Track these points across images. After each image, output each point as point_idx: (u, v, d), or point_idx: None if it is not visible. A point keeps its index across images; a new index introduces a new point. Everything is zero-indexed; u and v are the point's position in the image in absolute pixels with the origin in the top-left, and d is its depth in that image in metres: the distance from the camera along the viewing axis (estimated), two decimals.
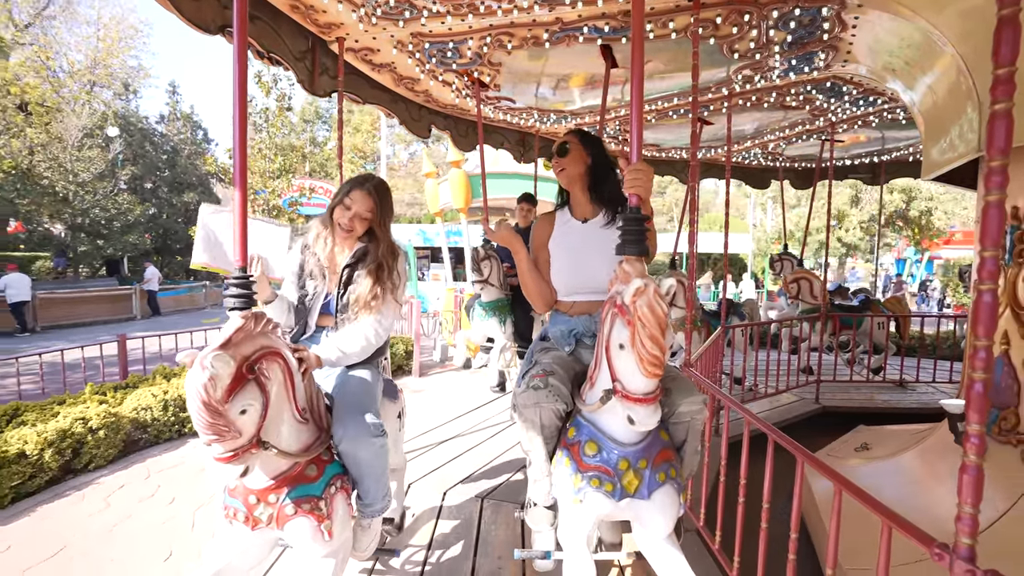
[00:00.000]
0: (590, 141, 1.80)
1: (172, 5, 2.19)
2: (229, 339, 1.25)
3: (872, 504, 1.31)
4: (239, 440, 1.24)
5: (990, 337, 1.02)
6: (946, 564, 1.06)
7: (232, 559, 1.49)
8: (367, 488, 1.69)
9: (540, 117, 4.87)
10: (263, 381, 1.29)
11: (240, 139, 1.38)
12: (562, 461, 1.49)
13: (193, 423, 1.20)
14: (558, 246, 1.79)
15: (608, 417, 1.41)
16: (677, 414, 1.50)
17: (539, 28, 3.04)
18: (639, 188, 1.38)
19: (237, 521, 1.46)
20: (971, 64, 2.31)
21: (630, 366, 1.26)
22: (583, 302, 1.74)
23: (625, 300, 1.26)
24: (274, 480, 1.45)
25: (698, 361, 3.29)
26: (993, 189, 0.98)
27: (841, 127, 5.06)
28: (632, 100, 1.39)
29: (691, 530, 2.44)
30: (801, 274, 5.80)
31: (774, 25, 2.98)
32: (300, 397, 1.47)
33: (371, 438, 1.61)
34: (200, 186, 22.65)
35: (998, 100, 0.96)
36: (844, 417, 4.38)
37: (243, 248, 1.40)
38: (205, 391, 1.14)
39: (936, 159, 2.76)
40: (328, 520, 1.48)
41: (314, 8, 2.83)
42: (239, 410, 1.23)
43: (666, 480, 1.43)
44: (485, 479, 2.97)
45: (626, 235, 1.37)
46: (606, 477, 1.40)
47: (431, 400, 4.67)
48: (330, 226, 1.88)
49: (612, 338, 1.31)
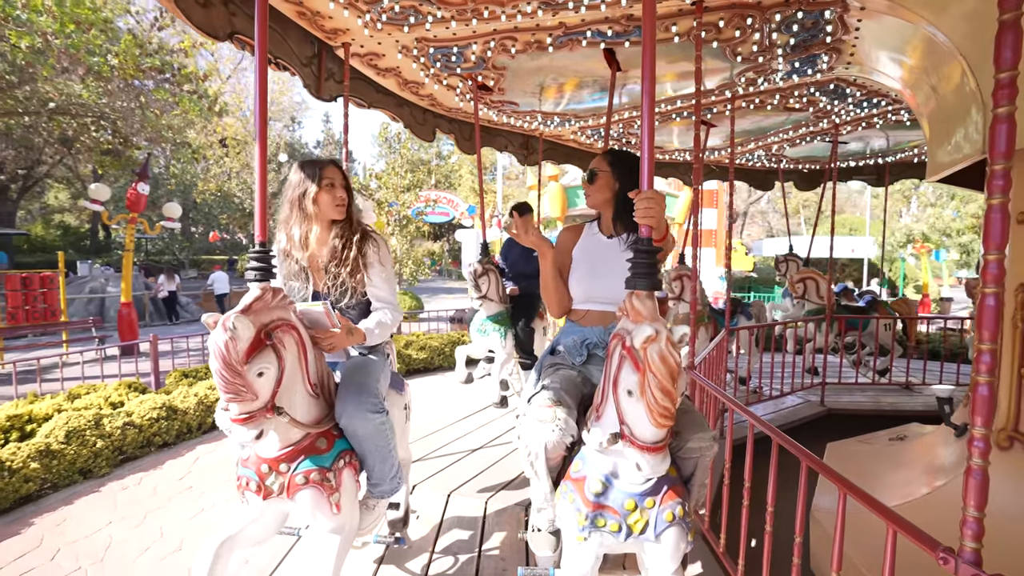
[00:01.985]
0: (620, 166, 1.76)
1: (182, 13, 2.22)
2: (249, 306, 1.36)
3: (877, 508, 1.31)
4: (256, 403, 1.33)
5: (995, 340, 1.02)
6: (951, 568, 1.06)
7: (243, 528, 1.55)
8: (372, 466, 1.72)
9: (544, 120, 4.89)
10: (279, 349, 1.38)
11: (260, 128, 1.51)
12: (566, 496, 1.45)
13: (215, 383, 1.29)
14: (581, 255, 1.79)
15: (615, 458, 1.36)
16: (686, 449, 1.46)
17: (543, 32, 3.06)
18: (650, 218, 1.32)
19: (249, 491, 1.52)
20: (975, 65, 2.30)
21: (639, 414, 1.22)
22: (596, 312, 1.73)
23: (635, 344, 1.21)
24: (286, 450, 1.51)
25: (702, 363, 3.30)
26: (996, 192, 0.98)
27: (845, 129, 5.05)
28: (643, 126, 1.32)
29: (696, 533, 2.44)
30: (807, 274, 5.76)
31: (776, 28, 2.98)
32: (312, 372, 1.55)
33: (368, 413, 1.64)
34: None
35: (1000, 104, 0.97)
36: (850, 420, 4.36)
37: (262, 224, 1.53)
38: (226, 349, 1.24)
39: (941, 161, 2.75)
40: (337, 492, 1.54)
41: (320, 14, 2.86)
42: (257, 372, 1.32)
43: (673, 520, 1.37)
44: (490, 481, 2.98)
45: (636, 268, 1.32)
46: (612, 517, 1.36)
47: (436, 402, 4.69)
48: (304, 218, 1.79)
49: (620, 381, 1.26)
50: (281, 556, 2.28)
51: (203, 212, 23.80)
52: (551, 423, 1.43)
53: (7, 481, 3.09)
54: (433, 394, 5.56)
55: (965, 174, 2.63)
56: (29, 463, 3.23)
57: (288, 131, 27.04)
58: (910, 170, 6.82)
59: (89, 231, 22.04)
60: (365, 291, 1.88)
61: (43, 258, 16.67)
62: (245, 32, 2.54)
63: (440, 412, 4.34)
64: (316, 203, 1.78)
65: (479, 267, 3.74)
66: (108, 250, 21.13)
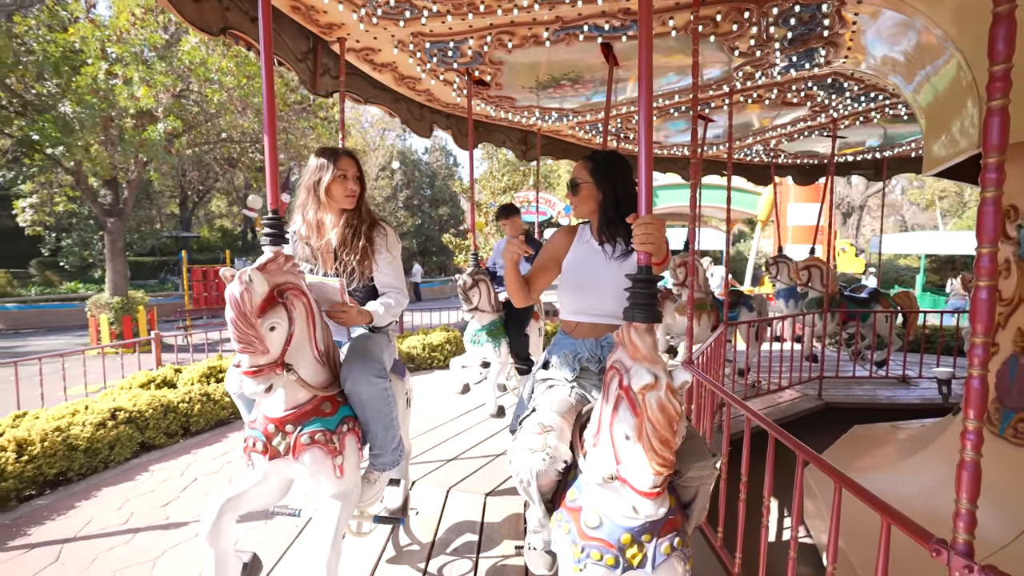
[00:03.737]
0: (602, 174, 1.65)
1: (174, 8, 2.21)
2: (264, 265, 1.45)
3: (871, 501, 1.31)
4: (266, 356, 1.40)
5: (988, 334, 1.03)
6: (944, 560, 1.07)
7: (248, 489, 1.61)
8: (375, 434, 1.76)
9: (541, 115, 4.88)
10: (290, 309, 1.46)
11: (269, 120, 1.60)
12: (562, 525, 1.41)
13: (230, 335, 1.37)
14: (571, 264, 1.73)
15: (611, 495, 1.30)
16: (687, 478, 1.41)
17: (539, 27, 3.04)
18: (649, 244, 1.25)
19: (256, 452, 1.56)
20: (971, 59, 2.30)
21: (636, 460, 1.17)
22: (587, 324, 1.67)
23: (633, 388, 1.16)
24: (292, 411, 1.57)
25: (700, 356, 3.30)
26: (990, 186, 0.98)
27: (843, 123, 5.04)
28: (641, 144, 1.27)
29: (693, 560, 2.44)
30: (812, 261, 5.71)
31: (774, 22, 2.97)
32: (319, 339, 1.62)
33: (373, 377, 1.70)
34: (451, 201, 28.75)
35: (994, 97, 0.97)
36: (847, 413, 4.37)
37: (274, 192, 1.63)
38: (241, 299, 1.33)
39: (938, 154, 2.75)
40: (340, 455, 1.60)
41: (315, 9, 2.84)
42: (269, 326, 1.40)
43: (671, 552, 1.33)
44: (489, 477, 2.99)
45: (635, 298, 1.25)
46: (608, 551, 1.32)
47: (435, 397, 4.70)
48: (318, 205, 1.87)
49: (617, 422, 1.21)
50: (283, 549, 2.29)
51: None
52: (541, 452, 1.40)
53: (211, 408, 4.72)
54: (432, 391, 5.57)
55: (963, 168, 2.63)
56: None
57: (400, 140, 28.95)
58: (908, 164, 6.82)
59: (241, 233, 26.01)
60: (372, 276, 1.94)
61: (209, 256, 20.95)
62: (239, 27, 2.52)
63: (439, 408, 4.35)
64: (329, 192, 1.85)
65: (468, 279, 3.70)
66: (255, 248, 24.41)
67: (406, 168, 27.75)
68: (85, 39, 9.14)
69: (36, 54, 9.38)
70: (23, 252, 16.85)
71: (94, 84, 9.01)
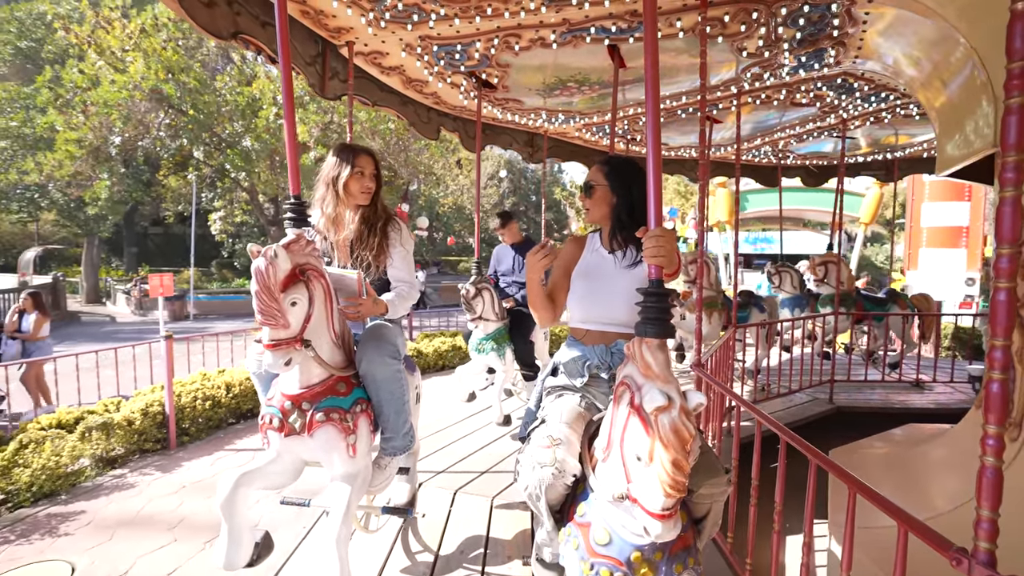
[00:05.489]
0: (617, 177, 1.63)
1: (187, 13, 2.23)
2: (287, 245, 1.52)
3: (886, 506, 1.29)
4: (287, 331, 1.47)
5: (1008, 336, 1.00)
6: (964, 569, 1.04)
7: (263, 465, 1.67)
8: (387, 417, 1.81)
9: (548, 117, 4.87)
10: (311, 288, 1.53)
11: (289, 118, 2.09)
12: (570, 541, 1.38)
13: (253, 307, 1.46)
14: (580, 273, 1.71)
15: (621, 512, 1.27)
16: (699, 495, 1.38)
17: (546, 29, 3.04)
18: (660, 257, 1.22)
19: (272, 428, 1.62)
20: (986, 57, 2.27)
21: (648, 482, 1.12)
22: (597, 332, 1.64)
23: (645, 409, 1.12)
24: (308, 388, 1.62)
25: (710, 358, 3.27)
26: (1008, 185, 0.96)
27: (853, 123, 5.00)
28: (648, 157, 1.25)
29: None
30: (829, 257, 5.56)
31: (783, 22, 2.95)
32: (336, 321, 1.68)
33: (387, 358, 1.76)
34: (554, 207, 30.00)
35: (1012, 95, 0.95)
36: (859, 417, 4.32)
37: (295, 181, 1.78)
38: (266, 272, 1.41)
39: (951, 154, 2.71)
40: (353, 435, 1.65)
41: (324, 13, 2.86)
42: (290, 301, 1.48)
43: (683, 572, 1.30)
44: (496, 480, 2.97)
45: (646, 312, 1.23)
46: (617, 569, 1.28)
47: (443, 400, 4.68)
48: (336, 200, 1.92)
49: (628, 440, 1.17)
50: (295, 544, 2.29)
51: (443, 222, 30.29)
52: (550, 467, 1.37)
53: None
54: (440, 392, 5.57)
55: (976, 168, 2.59)
56: None
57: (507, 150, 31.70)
58: (920, 165, 6.74)
59: None
60: (385, 270, 2.01)
61: None
62: (249, 31, 2.54)
63: (446, 411, 4.34)
64: (346, 188, 1.91)
65: (471, 288, 3.68)
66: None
67: (513, 176, 30.08)
68: (262, 91, 12.95)
69: (229, 104, 13.44)
70: (208, 255, 22.76)
71: (267, 124, 12.70)
